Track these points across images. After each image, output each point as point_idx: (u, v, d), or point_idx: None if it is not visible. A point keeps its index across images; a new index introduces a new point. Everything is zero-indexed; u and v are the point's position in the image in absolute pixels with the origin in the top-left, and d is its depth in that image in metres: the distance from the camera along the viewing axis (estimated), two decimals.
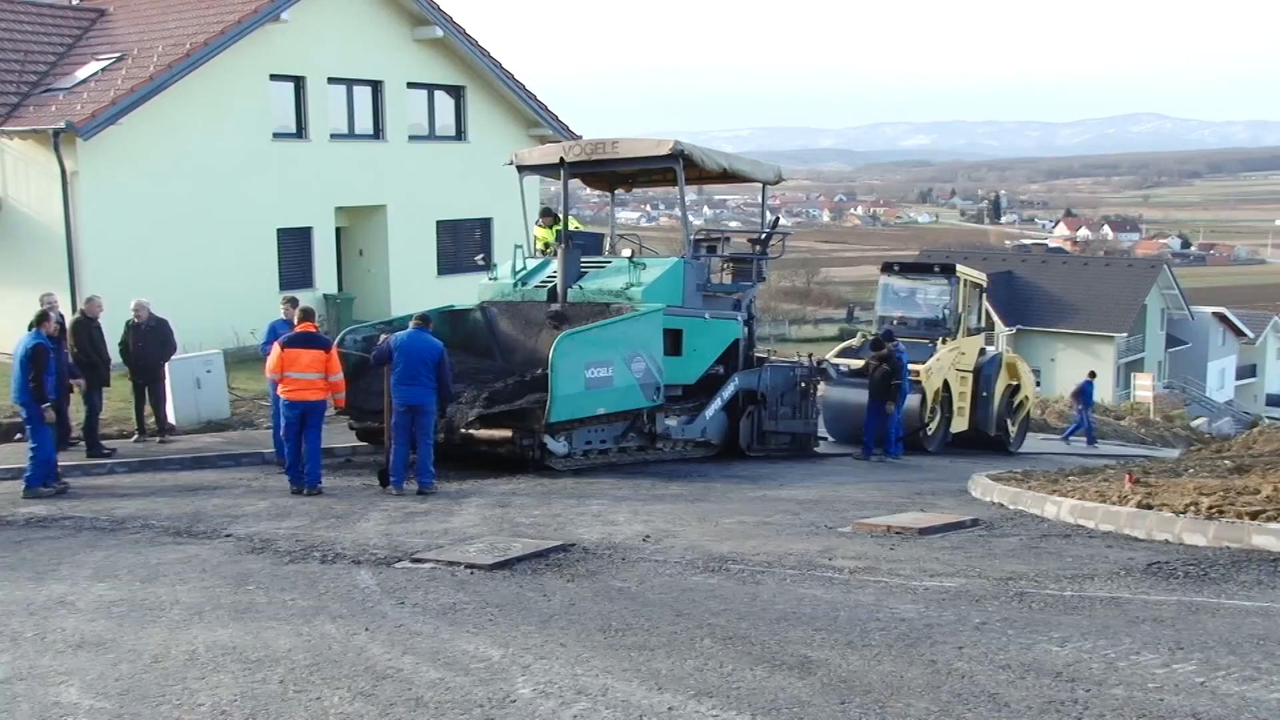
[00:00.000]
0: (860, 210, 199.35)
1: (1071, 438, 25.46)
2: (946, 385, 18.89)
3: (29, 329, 11.95)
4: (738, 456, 15.31)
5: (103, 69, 20.52)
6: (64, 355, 12.80)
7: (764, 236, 16.90)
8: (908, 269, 21.05)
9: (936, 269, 20.33)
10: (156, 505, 11.12)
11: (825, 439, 17.57)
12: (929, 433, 18.50)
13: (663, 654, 5.93)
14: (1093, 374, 28.04)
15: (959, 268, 20.04)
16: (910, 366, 17.07)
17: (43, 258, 19.30)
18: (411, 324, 11.98)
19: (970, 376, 19.78)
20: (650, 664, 5.76)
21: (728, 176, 16.57)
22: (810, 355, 18.05)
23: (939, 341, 19.05)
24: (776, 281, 78.45)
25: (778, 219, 19.53)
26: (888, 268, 20.88)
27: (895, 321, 19.70)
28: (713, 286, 15.40)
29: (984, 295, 21.93)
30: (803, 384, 16.70)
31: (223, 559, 8.56)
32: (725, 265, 16.56)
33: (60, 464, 13.38)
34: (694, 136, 20.27)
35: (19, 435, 14.83)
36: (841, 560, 8.21)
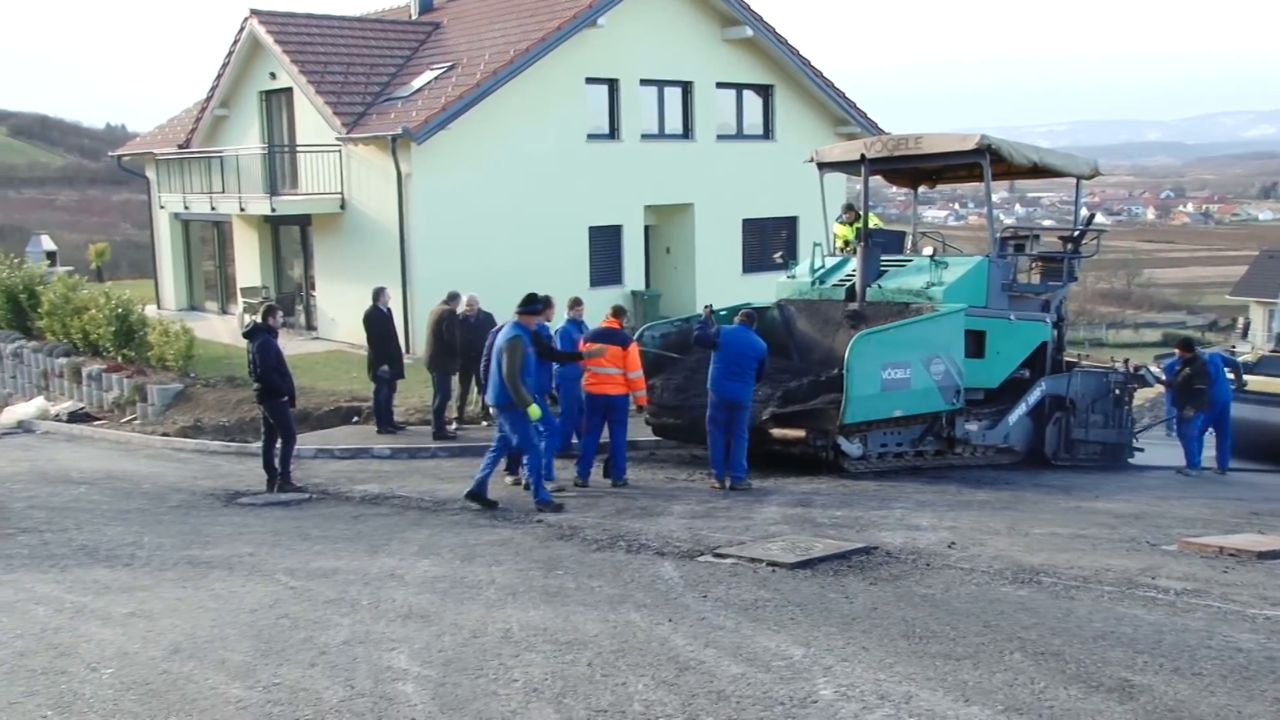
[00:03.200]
0: (1190, 207, 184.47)
1: None
2: None
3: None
4: (1043, 465, 14.57)
5: (436, 77, 22.08)
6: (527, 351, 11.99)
7: (1077, 234, 15.97)
8: None
9: None
10: None
11: (1140, 449, 16.45)
12: None
13: (969, 665, 5.72)
14: None
15: None
16: None
17: (380, 254, 21.00)
18: (738, 319, 12.12)
19: None
20: (956, 674, 5.57)
21: (1038, 171, 15.79)
22: (1127, 361, 16.93)
23: None
24: (1093, 283, 74.01)
25: (1092, 216, 18.46)
26: None
27: None
28: (1019, 286, 14.73)
29: None
30: (1117, 391, 15.70)
31: (534, 543, 9.00)
32: (1034, 264, 15.78)
33: (392, 446, 14.58)
34: (1006, 132, 19.49)
35: (355, 419, 16.23)
36: (1166, 580, 7.64)
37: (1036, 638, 6.20)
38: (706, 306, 12.73)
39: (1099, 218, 20.07)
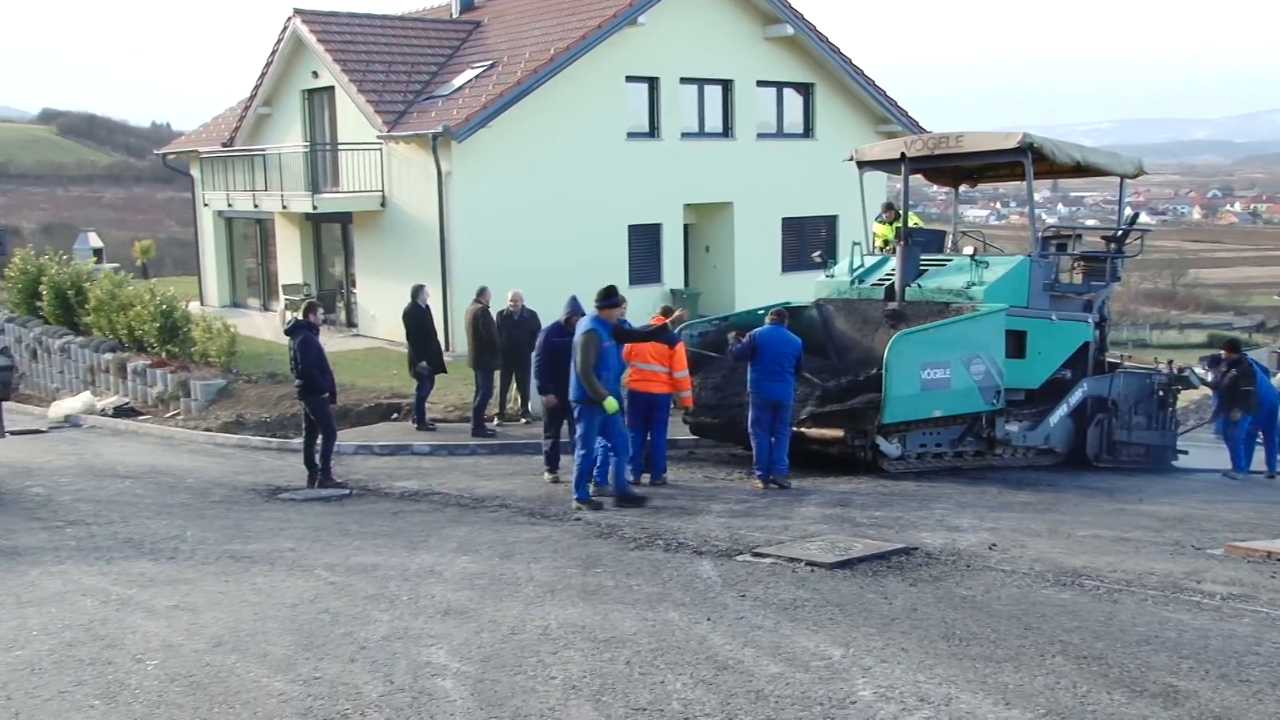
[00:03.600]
0: (1238, 207, 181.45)
1: None
2: None
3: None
4: (1084, 467, 14.41)
5: (476, 76, 22.17)
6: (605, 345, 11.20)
7: (1120, 233, 15.79)
8: None
9: None
10: (513, 486, 11.91)
11: (1184, 452, 16.24)
12: None
13: (1010, 668, 5.68)
14: None
15: None
16: None
17: (420, 251, 21.14)
18: (769, 319, 12.13)
19: None
20: (997, 677, 5.53)
21: (1081, 170, 15.62)
22: (1170, 362, 16.71)
23: None
24: (1137, 283, 73.07)
25: (1136, 215, 18.25)
26: None
27: None
28: (1061, 286, 14.58)
29: None
30: (1160, 392, 15.51)
31: (573, 541, 9.02)
32: (1076, 264, 15.62)
33: (432, 443, 14.67)
34: (1049, 130, 19.30)
35: (395, 415, 16.35)
36: (1212, 585, 7.53)
37: (1079, 641, 6.14)
38: (735, 334, 12.62)
39: (1143, 217, 19.78)
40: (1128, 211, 16.89)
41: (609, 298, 10.82)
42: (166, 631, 6.56)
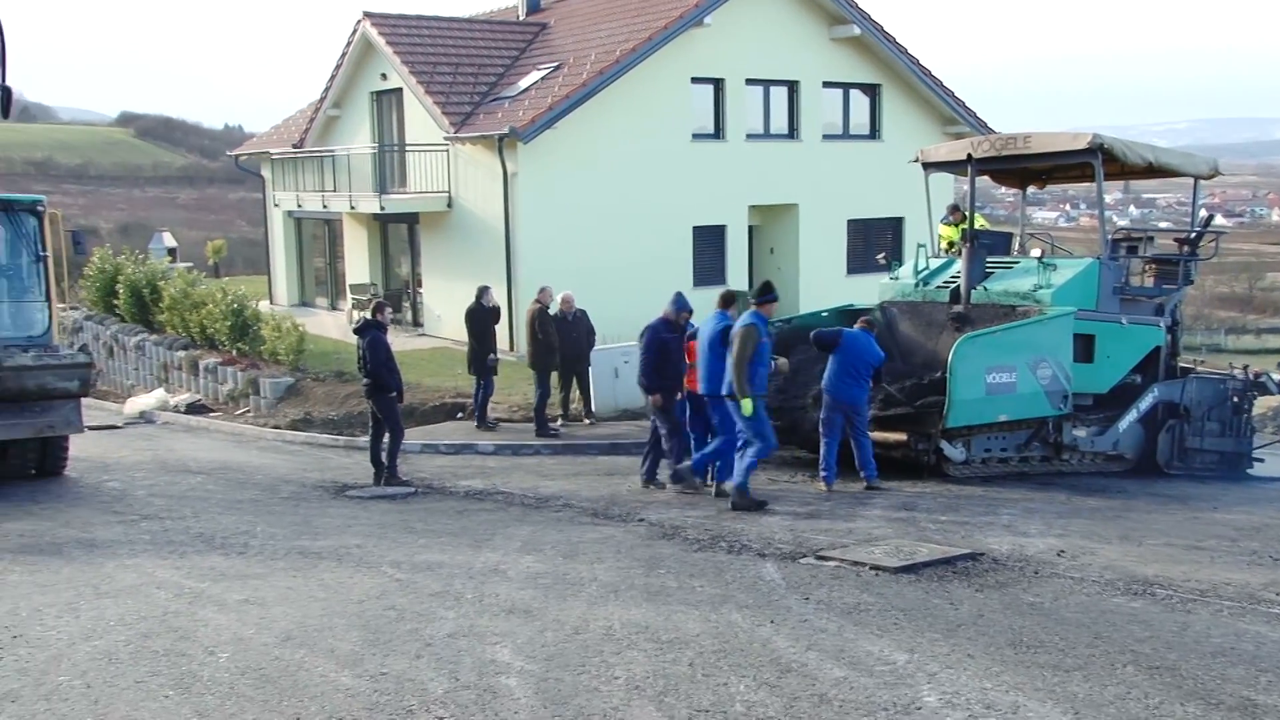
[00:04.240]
0: None
1: None
2: None
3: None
4: (1155, 473, 14.13)
5: (542, 77, 22.33)
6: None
7: (1193, 236, 15.47)
8: None
9: None
10: (577, 486, 11.96)
11: (1260, 460, 15.84)
12: None
13: (1079, 677, 5.59)
14: None
15: None
16: None
17: (485, 251, 21.32)
18: (858, 325, 12.15)
19: None
20: (1065, 686, 5.45)
21: (1153, 171, 15.31)
22: (1246, 367, 16.33)
23: None
24: (1212, 286, 71.35)
25: (1211, 217, 17.85)
26: None
27: None
28: (1132, 289, 14.31)
29: None
30: (1235, 398, 15.15)
31: (636, 542, 9.04)
32: (1147, 267, 15.32)
33: (496, 442, 14.79)
34: (1121, 131, 18.96)
35: (460, 414, 16.50)
36: None
37: (1150, 651, 6.02)
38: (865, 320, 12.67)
39: (1219, 219, 19.27)
40: (1202, 213, 16.53)
41: (767, 293, 10.81)
42: (237, 625, 6.69)
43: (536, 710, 5.23)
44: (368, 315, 12.82)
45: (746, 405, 10.27)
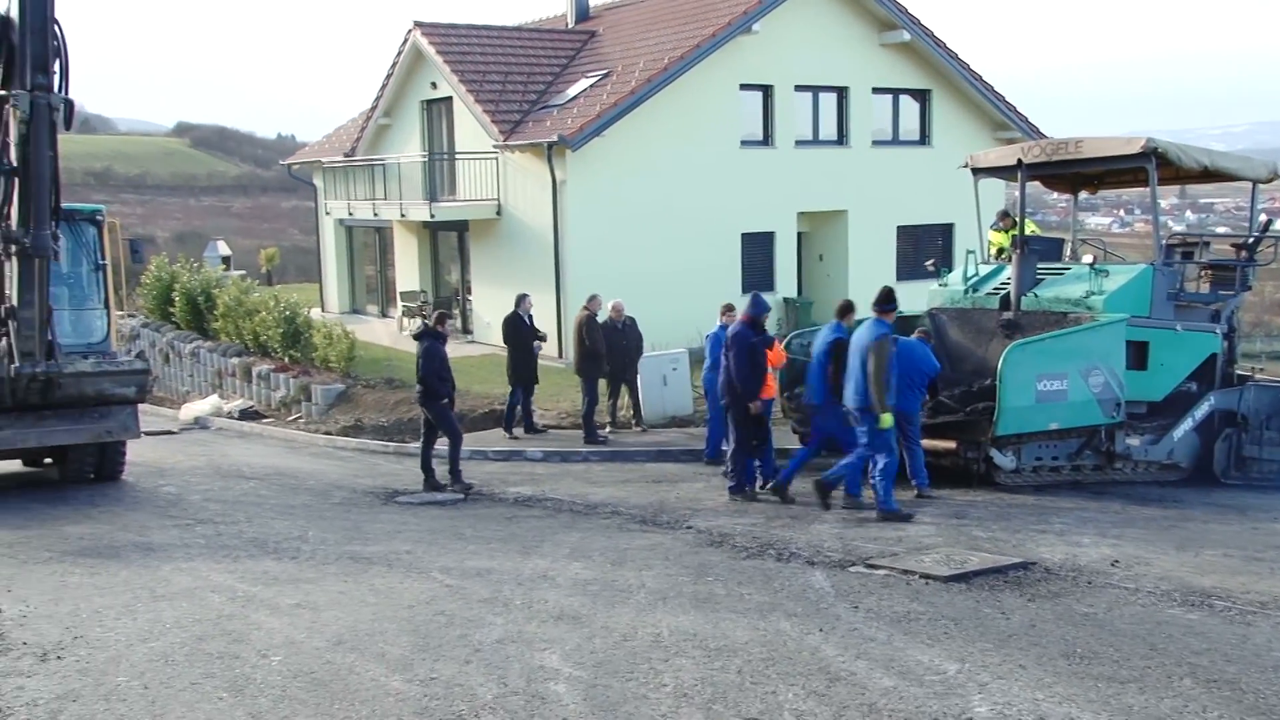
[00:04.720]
0: None
1: None
2: None
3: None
4: (1212, 483, 13.88)
5: (591, 85, 22.43)
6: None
7: (1251, 241, 15.18)
8: None
9: None
10: (625, 493, 11.98)
11: None
12: None
13: (1134, 689, 5.51)
14: None
15: None
16: None
17: (534, 259, 21.43)
18: (915, 335, 12.13)
19: None
20: (1120, 698, 5.37)
21: (1210, 176, 15.07)
22: None
23: None
24: (1270, 292, 69.99)
25: (1270, 221, 17.47)
26: None
27: None
28: (1187, 296, 14.07)
29: None
30: None
31: (684, 549, 9.04)
32: (1203, 272, 15.07)
33: (545, 449, 14.83)
34: (1177, 135, 18.67)
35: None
36: None
37: (1208, 664, 5.93)
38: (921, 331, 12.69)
39: (1278, 224, 18.86)
40: (1261, 218, 16.21)
41: (889, 301, 10.73)
42: (289, 629, 6.78)
43: (585, 716, 5.25)
44: (429, 323, 12.93)
45: (886, 419, 10.19)
